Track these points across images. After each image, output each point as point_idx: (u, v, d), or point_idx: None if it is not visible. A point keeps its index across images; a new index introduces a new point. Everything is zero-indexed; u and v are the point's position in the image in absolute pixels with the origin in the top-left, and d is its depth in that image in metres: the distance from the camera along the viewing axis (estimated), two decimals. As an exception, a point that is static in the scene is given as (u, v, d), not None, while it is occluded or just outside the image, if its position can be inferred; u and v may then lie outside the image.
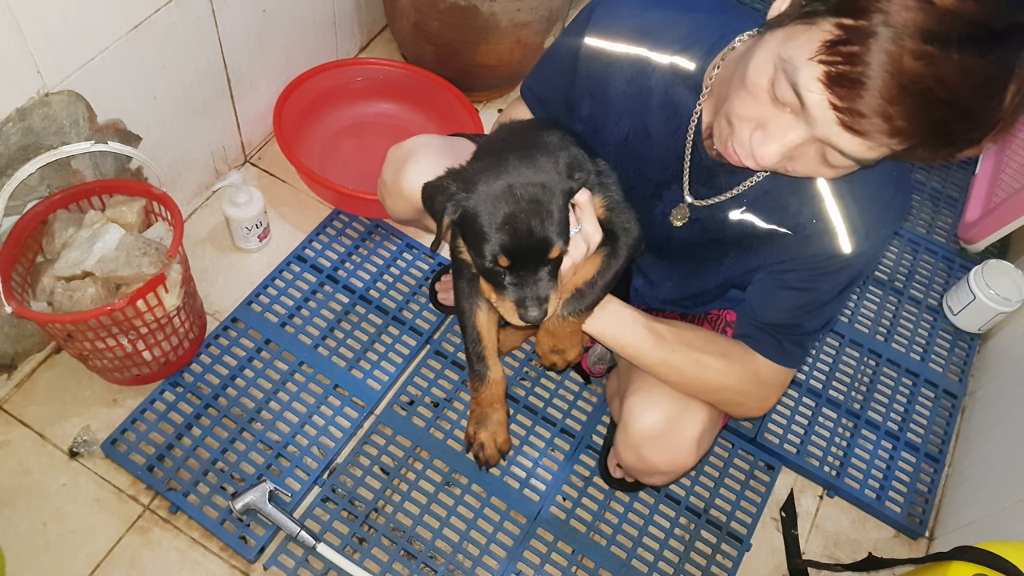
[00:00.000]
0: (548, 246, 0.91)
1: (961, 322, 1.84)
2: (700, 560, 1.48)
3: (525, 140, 0.98)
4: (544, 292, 0.94)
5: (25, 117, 1.25)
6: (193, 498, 1.40)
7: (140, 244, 1.34)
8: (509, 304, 0.95)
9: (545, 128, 1.05)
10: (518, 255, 0.91)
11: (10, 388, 1.49)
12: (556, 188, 0.91)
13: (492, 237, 0.90)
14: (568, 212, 0.94)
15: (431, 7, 1.83)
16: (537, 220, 0.89)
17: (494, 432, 1.23)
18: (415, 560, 1.41)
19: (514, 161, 0.92)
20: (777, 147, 0.84)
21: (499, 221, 0.89)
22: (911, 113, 0.73)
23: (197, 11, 1.47)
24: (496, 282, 0.96)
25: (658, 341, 1.08)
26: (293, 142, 1.78)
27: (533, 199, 0.89)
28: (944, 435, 1.69)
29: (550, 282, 0.95)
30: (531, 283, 0.93)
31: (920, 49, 0.70)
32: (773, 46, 0.81)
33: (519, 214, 0.89)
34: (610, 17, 1.05)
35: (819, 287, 1.03)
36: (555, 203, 0.91)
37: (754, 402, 1.12)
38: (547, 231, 0.90)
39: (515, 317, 0.95)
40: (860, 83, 0.73)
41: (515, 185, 0.90)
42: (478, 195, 0.90)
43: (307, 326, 1.64)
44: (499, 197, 0.89)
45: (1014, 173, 1.95)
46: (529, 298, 0.94)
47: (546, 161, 0.92)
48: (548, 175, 0.91)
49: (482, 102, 2.12)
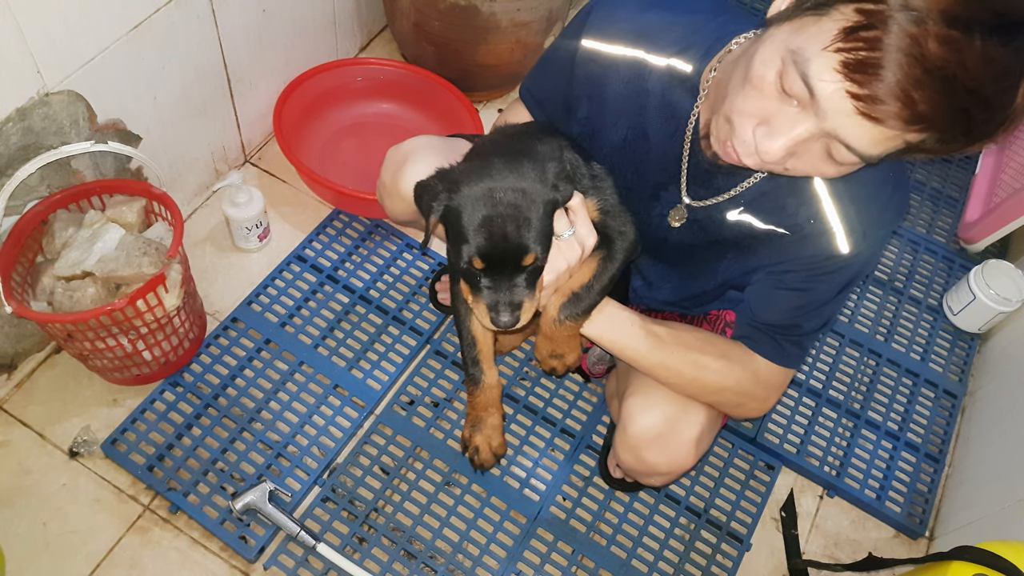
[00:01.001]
0: (523, 252, 0.91)
1: (961, 322, 1.84)
2: (700, 560, 1.48)
3: (515, 145, 0.98)
4: (518, 298, 0.94)
5: (25, 117, 1.25)
6: (193, 498, 1.40)
7: (140, 244, 1.34)
8: (482, 307, 0.96)
9: (540, 132, 1.05)
10: (493, 259, 0.91)
11: (10, 388, 1.49)
12: (538, 197, 0.91)
13: (469, 239, 0.90)
14: (551, 222, 0.94)
15: (431, 7, 1.83)
16: (513, 226, 0.90)
17: (489, 436, 1.23)
18: (415, 560, 1.41)
19: (499, 165, 0.92)
20: (783, 141, 0.83)
21: (476, 224, 0.90)
22: (933, 98, 0.72)
23: (197, 11, 1.47)
24: (473, 284, 0.96)
25: (656, 343, 1.08)
26: (293, 142, 1.78)
27: (512, 205, 0.90)
28: (944, 435, 1.69)
29: (526, 289, 0.95)
30: (505, 288, 0.94)
31: (944, 33, 0.70)
32: (780, 39, 0.81)
33: (496, 218, 0.89)
34: (607, 19, 1.05)
35: (817, 287, 1.03)
36: (535, 211, 0.91)
37: (754, 403, 1.12)
38: (522, 237, 0.90)
39: (487, 320, 0.96)
40: (881, 67, 0.72)
41: (496, 189, 0.90)
42: (460, 196, 0.91)
43: (307, 326, 1.64)
44: (479, 200, 0.90)
45: (1014, 173, 1.95)
46: (502, 303, 0.94)
47: (532, 169, 0.92)
48: (531, 183, 0.91)
49: (482, 102, 2.12)
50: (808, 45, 0.77)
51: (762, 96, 0.83)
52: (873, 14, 0.73)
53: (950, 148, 0.78)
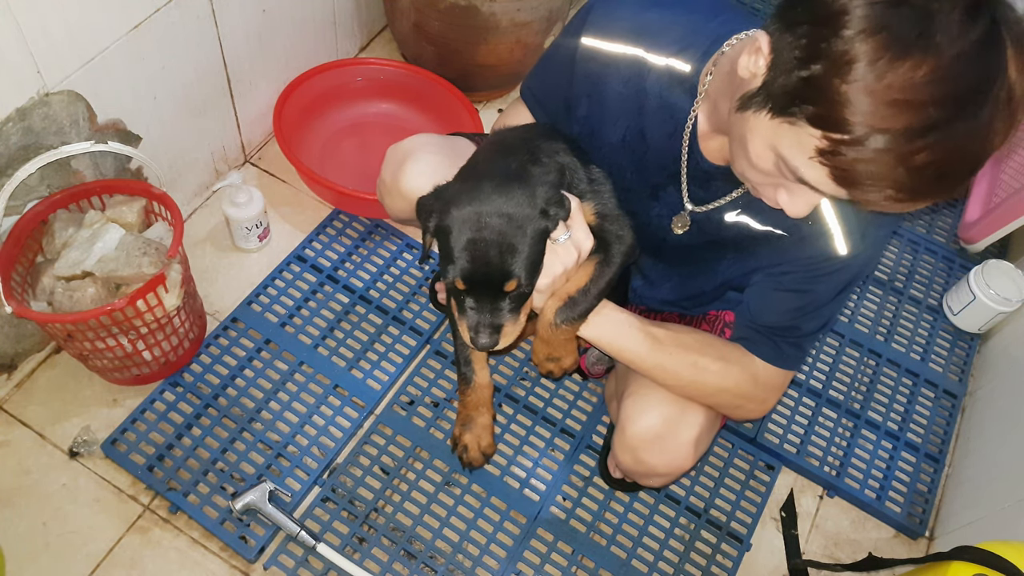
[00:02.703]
0: (505, 278, 0.92)
1: (961, 322, 1.84)
2: (700, 560, 1.48)
3: (509, 165, 0.98)
4: (499, 321, 0.96)
5: (25, 117, 1.25)
6: (193, 498, 1.40)
7: (140, 244, 1.34)
8: (464, 327, 0.98)
9: (539, 139, 1.05)
10: (475, 281, 0.93)
11: (10, 388, 1.49)
12: (526, 224, 0.92)
13: (454, 260, 0.92)
14: (540, 248, 0.95)
15: (431, 7, 1.83)
16: (496, 251, 0.91)
17: (478, 435, 1.24)
18: (415, 560, 1.41)
19: (488, 189, 0.93)
20: (804, 205, 0.86)
21: (461, 246, 0.91)
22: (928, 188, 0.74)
23: (197, 11, 1.47)
24: (459, 302, 0.98)
25: (655, 345, 1.08)
26: (293, 142, 1.78)
27: (498, 230, 0.91)
28: (944, 435, 1.69)
29: (508, 313, 0.97)
30: (488, 311, 0.96)
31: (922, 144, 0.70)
32: (766, 136, 0.80)
33: (479, 242, 0.91)
34: (607, 17, 1.05)
35: (816, 289, 1.03)
36: (521, 238, 0.92)
37: (752, 404, 1.12)
38: (504, 263, 0.91)
39: (468, 340, 0.99)
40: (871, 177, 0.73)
41: (483, 214, 0.91)
42: (451, 217, 0.92)
43: (307, 326, 1.64)
44: (466, 223, 0.91)
45: (1014, 173, 1.95)
46: (482, 324, 0.96)
47: (522, 194, 0.93)
48: (520, 208, 0.92)
49: (482, 102, 2.12)
50: (792, 155, 0.78)
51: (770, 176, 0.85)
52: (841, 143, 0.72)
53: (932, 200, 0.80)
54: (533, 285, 0.97)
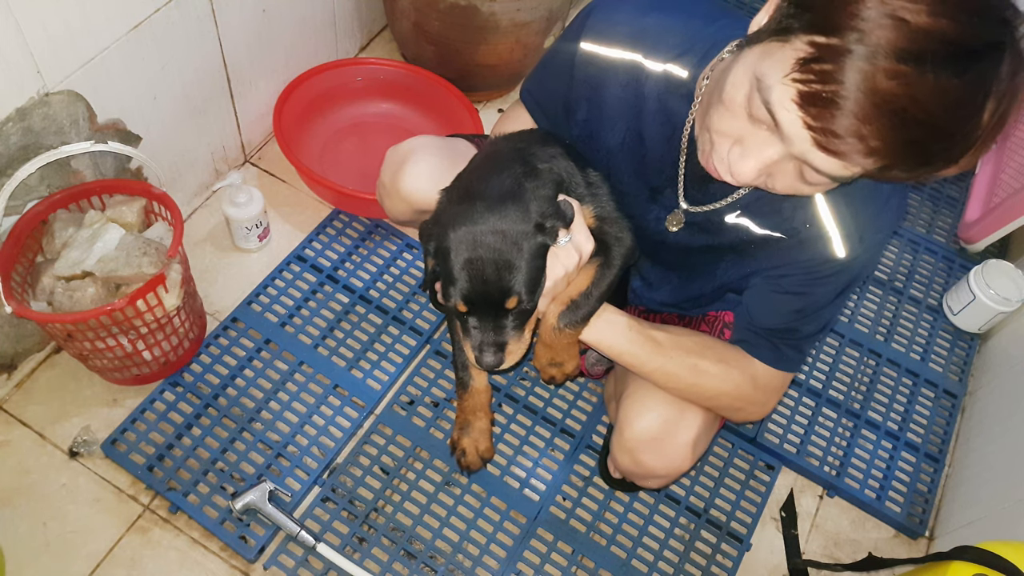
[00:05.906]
0: (505, 296, 0.92)
1: (961, 322, 1.84)
2: (700, 560, 1.48)
3: (504, 181, 0.97)
4: (503, 339, 0.96)
5: (25, 117, 1.25)
6: (193, 498, 1.41)
7: (140, 244, 1.34)
8: (469, 347, 0.99)
9: (536, 146, 1.04)
10: (475, 302, 0.93)
11: (10, 388, 1.49)
12: (522, 240, 0.92)
13: (454, 282, 0.92)
14: (540, 263, 0.95)
15: (431, 7, 1.83)
16: (493, 269, 0.91)
17: (476, 439, 1.24)
18: (415, 560, 1.41)
19: (481, 208, 0.92)
20: (754, 163, 0.83)
21: (459, 267, 0.92)
22: (885, 133, 0.71)
23: (197, 11, 1.47)
24: (462, 323, 0.98)
25: (655, 348, 1.08)
26: (293, 142, 1.78)
27: (493, 248, 0.91)
28: (944, 435, 1.69)
29: (513, 331, 0.97)
30: (490, 329, 0.96)
31: (894, 68, 0.69)
32: (750, 62, 0.80)
33: (476, 261, 0.91)
34: (606, 22, 1.05)
35: (815, 291, 1.03)
36: (517, 254, 0.91)
37: (752, 407, 1.12)
38: (503, 280, 0.91)
39: (474, 361, 0.99)
40: (834, 103, 0.71)
41: (478, 233, 0.91)
42: (448, 239, 0.92)
43: (307, 326, 1.64)
44: (462, 243, 0.91)
45: (1014, 173, 1.95)
46: (486, 343, 0.96)
47: (516, 210, 0.92)
48: (515, 224, 0.92)
49: (482, 102, 2.12)
50: (771, 72, 0.76)
51: (734, 117, 0.83)
52: (826, 48, 0.72)
53: (915, 175, 0.77)
54: (535, 301, 0.97)
